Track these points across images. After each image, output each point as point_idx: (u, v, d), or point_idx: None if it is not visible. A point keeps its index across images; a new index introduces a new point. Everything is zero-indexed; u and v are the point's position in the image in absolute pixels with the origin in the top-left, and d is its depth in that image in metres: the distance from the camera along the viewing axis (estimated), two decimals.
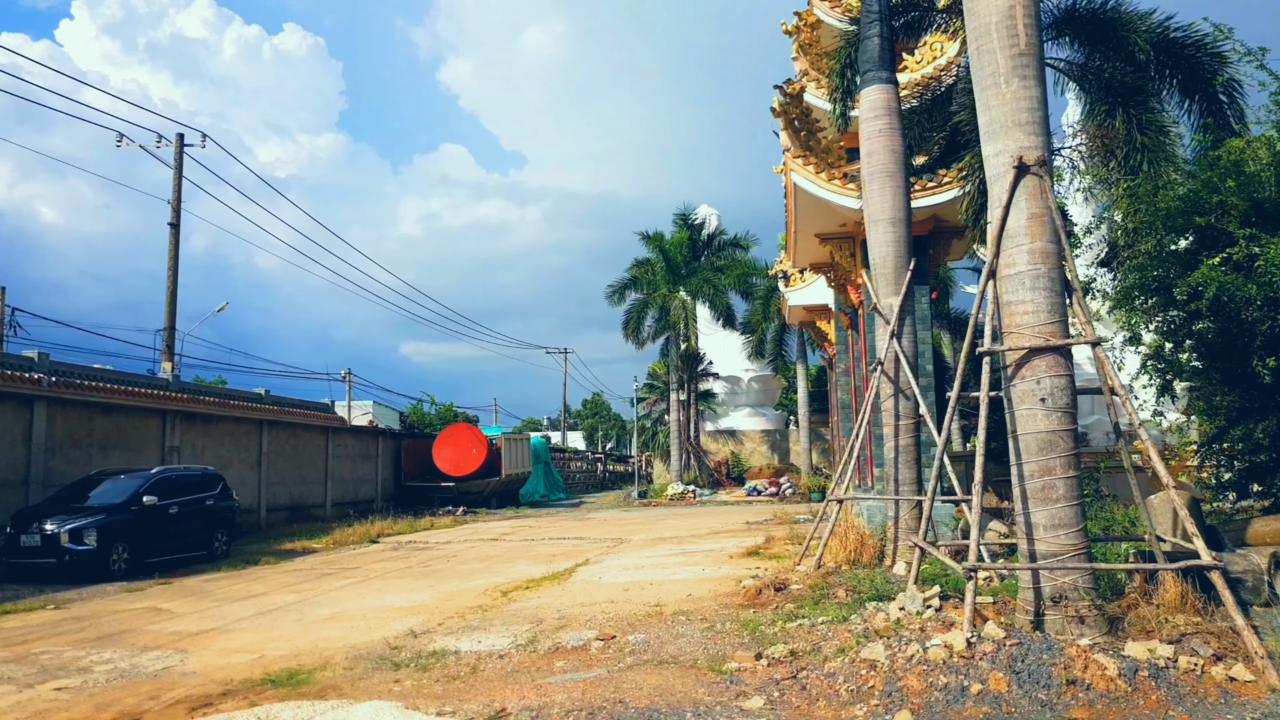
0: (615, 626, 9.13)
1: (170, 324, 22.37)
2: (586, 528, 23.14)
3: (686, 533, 20.14)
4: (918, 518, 10.99)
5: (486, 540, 20.58)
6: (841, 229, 15.18)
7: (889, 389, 11.00)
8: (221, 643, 9.39)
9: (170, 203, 22.80)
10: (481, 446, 34.00)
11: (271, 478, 24.89)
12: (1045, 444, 6.80)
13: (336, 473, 28.96)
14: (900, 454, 10.93)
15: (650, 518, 26.41)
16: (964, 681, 5.73)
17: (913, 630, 6.59)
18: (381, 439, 33.20)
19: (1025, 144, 6.95)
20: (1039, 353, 6.84)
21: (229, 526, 17.63)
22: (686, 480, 36.94)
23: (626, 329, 38.00)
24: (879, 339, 11.32)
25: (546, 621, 9.64)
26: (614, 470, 68.09)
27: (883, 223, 11.04)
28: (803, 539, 16.34)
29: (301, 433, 26.91)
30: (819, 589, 9.81)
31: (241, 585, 13.87)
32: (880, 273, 11.12)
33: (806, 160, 14.07)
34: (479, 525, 25.87)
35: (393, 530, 23.30)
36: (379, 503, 31.28)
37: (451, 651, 8.44)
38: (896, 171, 11.09)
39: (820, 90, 15.72)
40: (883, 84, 11.21)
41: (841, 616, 8.10)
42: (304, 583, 14.08)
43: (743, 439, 44.68)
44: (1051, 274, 6.89)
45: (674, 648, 8.05)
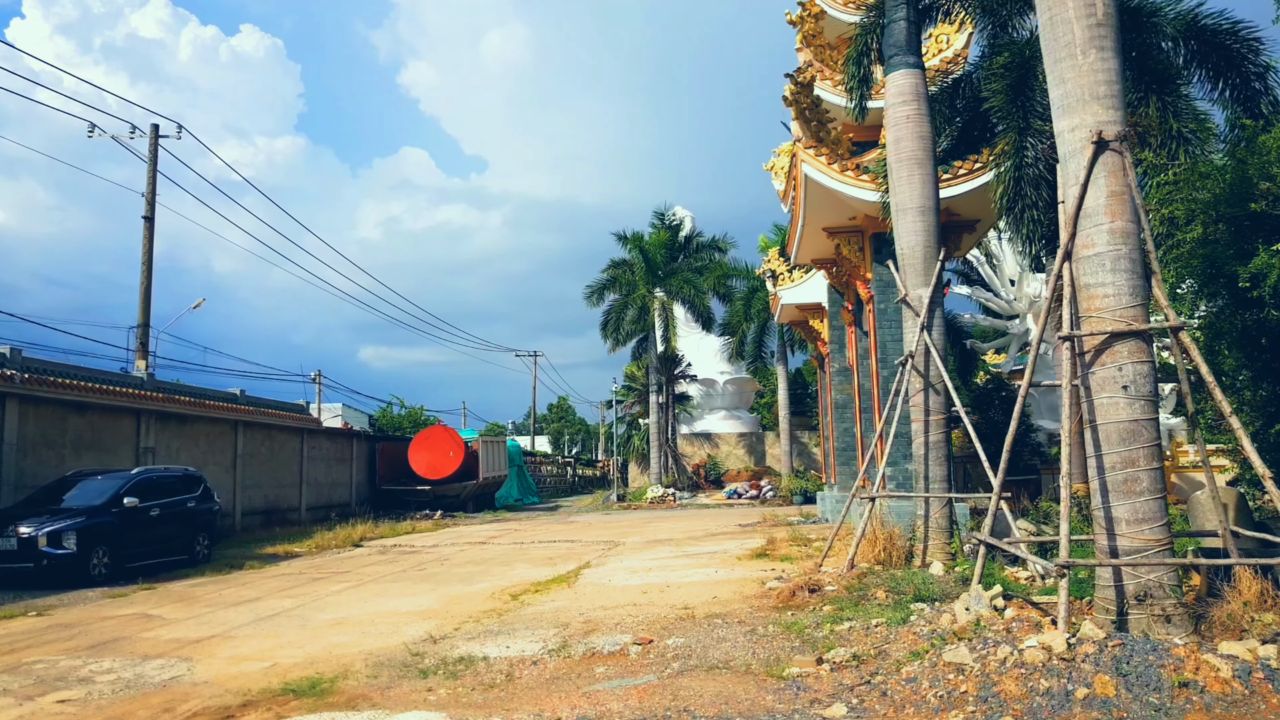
0: (648, 630, 8.67)
1: (144, 320, 21.47)
2: (574, 531, 22.62)
3: (680, 535, 19.71)
4: (949, 516, 10.67)
5: (474, 544, 19.99)
6: (850, 222, 14.86)
7: (918, 383, 10.67)
8: (227, 650, 8.79)
9: (145, 196, 21.91)
10: (459, 449, 33.31)
11: (246, 480, 24.05)
12: (1128, 434, 6.47)
13: (311, 476, 28.14)
14: (930, 450, 10.60)
15: (635, 521, 25.94)
16: (1068, 685, 5.36)
17: (997, 631, 6.22)
18: (356, 441, 32.40)
19: (1104, 118, 6.63)
20: (1121, 338, 6.51)
21: (211, 530, 16.88)
22: (666, 483, 36.50)
23: (605, 329, 37.49)
24: (907, 331, 10.99)
25: (572, 625, 9.15)
26: (583, 475, 67.52)
27: (911, 211, 10.71)
28: (805, 540, 16.03)
29: (277, 434, 26.08)
30: (855, 590, 9.43)
31: (231, 590, 13.19)
32: (908, 263, 10.79)
33: (818, 151, 13.72)
34: (461, 529, 25.23)
35: (375, 534, 22.60)
36: (353, 507, 30.49)
37: (479, 657, 7.93)
38: (925, 159, 10.78)
39: (827, 81, 15.43)
40: (910, 68, 10.89)
41: (899, 618, 7.71)
42: (297, 587, 13.44)
43: (718, 442, 44.34)
44: (1132, 255, 6.57)
45: (719, 652, 7.61)
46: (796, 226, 15.60)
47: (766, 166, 23.45)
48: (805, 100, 13.94)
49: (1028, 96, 11.07)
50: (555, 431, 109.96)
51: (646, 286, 36.06)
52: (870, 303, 14.72)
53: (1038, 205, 11.01)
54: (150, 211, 21.86)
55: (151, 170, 21.99)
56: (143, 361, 21.41)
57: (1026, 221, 11.10)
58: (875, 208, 13.81)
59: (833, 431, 21.61)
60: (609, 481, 70.20)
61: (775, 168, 23.13)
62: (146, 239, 21.70)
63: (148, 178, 21.95)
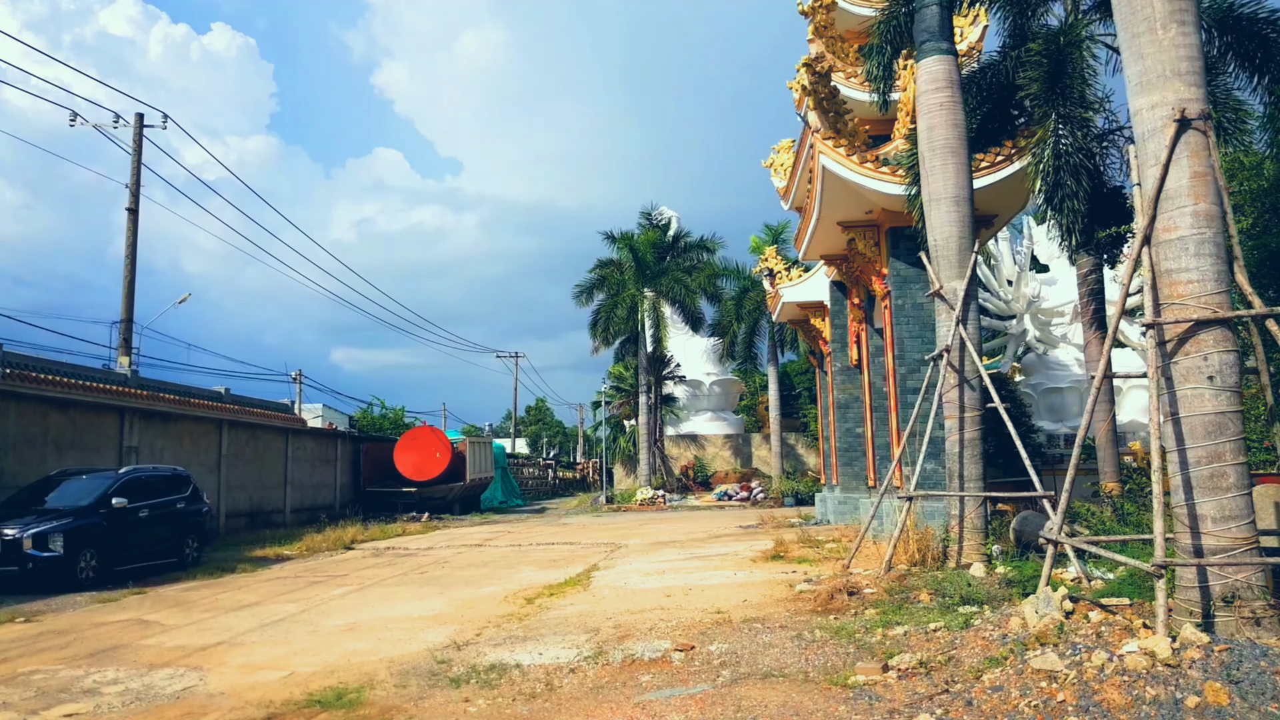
0: (686, 635, 8.25)
1: (128, 315, 20.74)
2: (570, 533, 22.15)
3: (682, 537, 19.30)
4: (984, 516, 10.34)
5: (470, 546, 19.47)
6: (867, 216, 14.53)
7: (953, 379, 10.33)
8: (237, 658, 8.27)
9: (129, 187, 21.18)
10: (445, 451, 32.71)
11: (231, 481, 23.36)
12: (1214, 427, 6.13)
13: (296, 477, 27.45)
14: (965, 448, 10.26)
15: (629, 523, 25.50)
16: (1175, 694, 5.00)
17: (1085, 636, 5.85)
18: (340, 442, 31.71)
19: (1185, 95, 6.31)
20: (1206, 326, 6.18)
21: (200, 532, 16.26)
22: (655, 485, 36.09)
23: (594, 329, 36.99)
24: (940, 326, 10.65)
25: (603, 631, 8.71)
26: (564, 477, 66.97)
27: (945, 201, 10.37)
28: (816, 542, 15.66)
29: (262, 434, 25.39)
30: (895, 593, 9.07)
31: (227, 595, 12.62)
32: (942, 255, 10.45)
33: (837, 142, 13.38)
34: (453, 531, 24.67)
35: (365, 536, 22.03)
36: (338, 508, 29.81)
37: (511, 665, 7.47)
38: (960, 147, 10.45)
39: (839, 74, 15.10)
40: (943, 54, 10.57)
41: (959, 622, 7.34)
42: (296, 591, 12.89)
43: (704, 443, 43.98)
44: (1216, 239, 6.25)
45: (770, 659, 7.20)
46: (809, 221, 15.25)
47: (765, 164, 23.15)
48: (823, 90, 13.59)
49: (1065, 84, 10.79)
50: (533, 434, 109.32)
51: (636, 286, 35.64)
52: (886, 298, 14.39)
53: (1078, 195, 10.72)
54: (134, 203, 21.12)
55: (136, 161, 21.26)
56: (126, 358, 20.69)
57: (1066, 211, 10.80)
58: (894, 201, 13.49)
59: (834, 432, 21.29)
60: (588, 484, 69.75)
61: (775, 165, 22.83)
62: (130, 231, 20.98)
63: (132, 169, 21.24)
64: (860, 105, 15.01)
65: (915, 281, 14.10)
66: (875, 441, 16.32)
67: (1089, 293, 12.96)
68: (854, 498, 20.42)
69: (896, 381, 14.09)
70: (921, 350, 13.99)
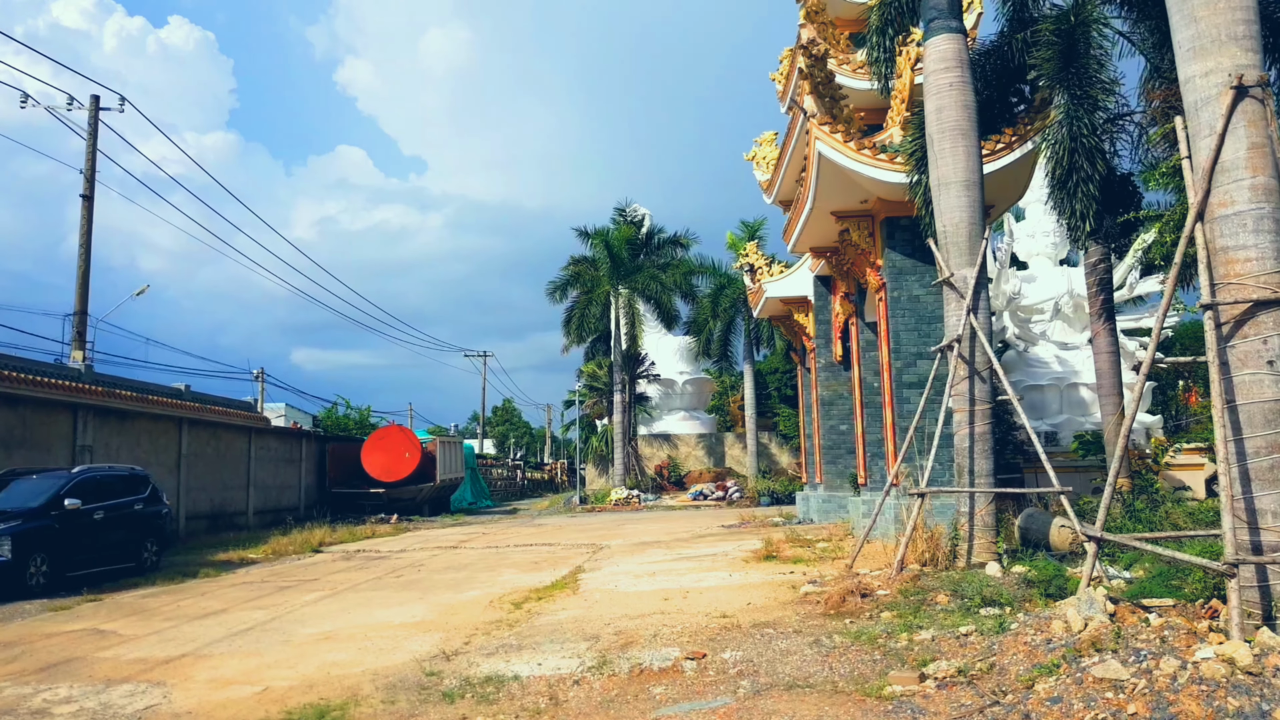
0: (694, 642, 7.71)
1: (81, 308, 19.74)
2: (546, 534, 21.52)
3: (665, 537, 18.76)
4: (994, 513, 9.91)
5: (445, 548, 18.78)
6: (861, 206, 14.09)
7: (963, 371, 9.89)
8: (204, 671, 7.59)
9: (83, 172, 20.20)
10: (415, 451, 31.92)
11: (192, 482, 22.45)
12: (1274, 415, 5.71)
13: (259, 478, 26.53)
14: (976, 442, 9.83)
15: (606, 523, 24.92)
16: (1261, 704, 4.55)
17: (1148, 642, 5.39)
18: (306, 442, 30.79)
19: (1242, 61, 5.89)
20: (1265, 307, 5.76)
21: (160, 535, 15.43)
22: (629, 485, 35.52)
23: (568, 327, 36.36)
24: (949, 315, 10.21)
25: (603, 638, 8.14)
26: (532, 478, 66.23)
27: (955, 185, 9.93)
28: (806, 542, 15.20)
29: (223, 433, 24.46)
30: (910, 594, 8.59)
31: (190, 602, 11.87)
32: (951, 241, 10.01)
33: (834, 128, 12.91)
34: (425, 533, 23.92)
35: (333, 539, 21.23)
36: (302, 510, 28.92)
37: (509, 677, 6.88)
38: (970, 129, 10.02)
39: (832, 59, 14.65)
40: (952, 33, 10.13)
41: (993, 626, 6.87)
42: (264, 597, 12.17)
43: (677, 443, 43.48)
44: (1276, 214, 5.83)
45: (790, 667, 6.68)
46: (800, 211, 14.79)
47: (748, 156, 22.71)
48: (819, 75, 13.13)
49: (1079, 64, 10.41)
50: (500, 434, 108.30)
51: (611, 282, 35.03)
52: (881, 290, 13.95)
53: (1092, 179, 10.34)
54: (89, 190, 20.14)
55: (91, 145, 20.28)
56: (79, 353, 19.72)
57: (1081, 196, 10.42)
58: (891, 189, 13.07)
59: (818, 429, 20.89)
60: (557, 485, 69.02)
61: (757, 158, 22.39)
62: (85, 219, 19.99)
63: (86, 153, 20.24)
64: (852, 94, 14.57)
65: (911, 273, 13.70)
66: (867, 438, 15.91)
67: (1097, 283, 12.61)
68: (839, 496, 20.03)
69: (892, 376, 13.66)
70: (918, 344, 13.59)
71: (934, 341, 13.63)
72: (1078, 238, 10.75)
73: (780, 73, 21.38)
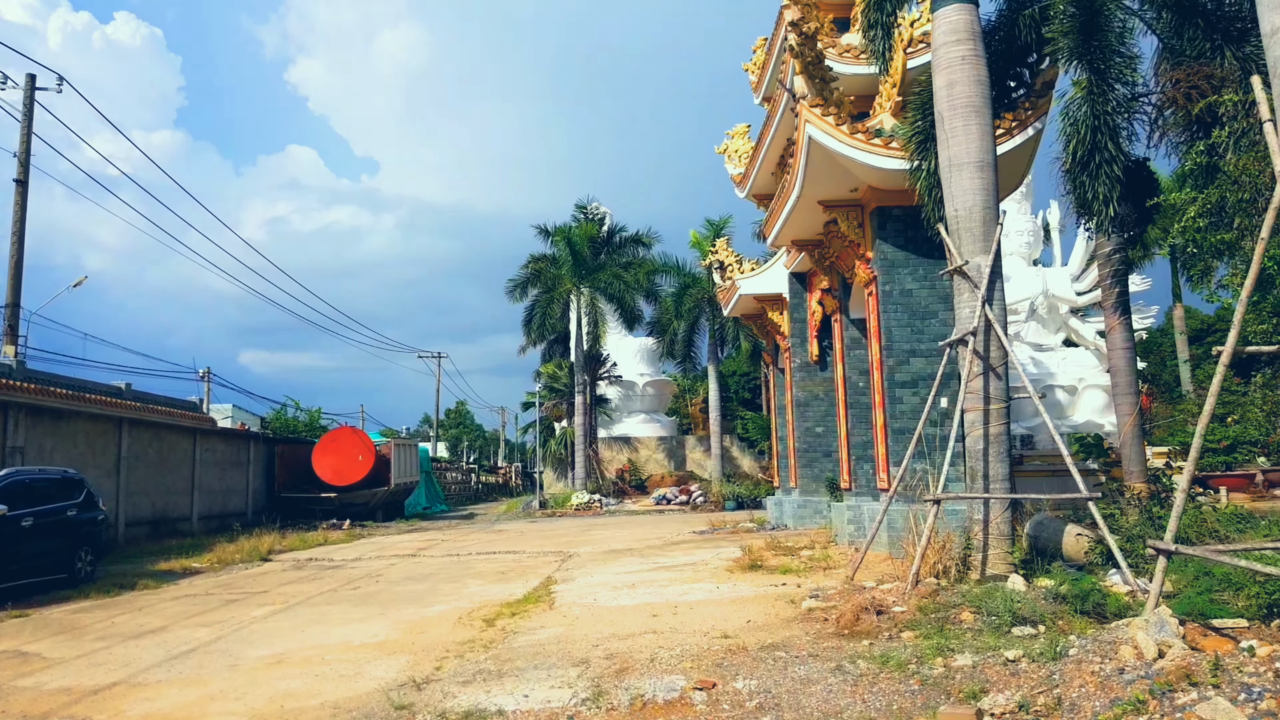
0: (699, 668, 6.89)
1: (13, 300, 18.33)
2: (509, 541, 20.56)
3: (636, 543, 17.93)
4: (1009, 520, 9.24)
5: (402, 557, 17.75)
6: (851, 195, 13.39)
7: (977, 367, 9.21)
8: (139, 705, 6.61)
9: (17, 156, 18.81)
10: (368, 453, 30.68)
11: (132, 486, 21.10)
12: None
13: (204, 481, 25.17)
14: (991, 444, 9.15)
15: (570, 529, 24.00)
16: None
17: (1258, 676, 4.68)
18: (254, 444, 29.39)
19: None
20: None
21: (95, 543, 14.22)
22: (590, 489, 34.61)
23: (529, 326, 35.34)
24: (960, 306, 9.52)
25: (593, 662, 7.28)
26: (486, 482, 64.97)
27: (968, 167, 9.26)
28: (789, 549, 14.47)
29: (166, 434, 23.10)
30: (930, 611, 7.86)
31: (127, 617, 10.78)
32: (964, 227, 9.33)
33: (825, 110, 12.20)
34: (380, 540, 22.80)
35: (283, 546, 20.03)
36: (250, 515, 27.59)
37: (492, 711, 6.01)
38: (983, 106, 9.35)
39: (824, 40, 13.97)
40: (964, 2, 9.46)
41: (1047, 651, 6.13)
42: (209, 612, 11.11)
43: (638, 446, 42.64)
44: None
45: (815, 700, 5.90)
46: (785, 201, 14.07)
47: (719, 149, 22.01)
48: (810, 54, 12.41)
49: (1100, 37, 9.81)
50: (453, 437, 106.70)
51: (572, 281, 34.09)
52: (871, 284, 13.27)
53: (1115, 160, 9.74)
54: (24, 174, 18.74)
55: (26, 126, 18.87)
56: (11, 347, 18.31)
57: (1104, 177, 9.80)
58: (885, 177, 12.39)
59: (792, 431, 20.21)
60: (511, 489, 67.76)
61: (729, 151, 21.70)
62: (18, 205, 18.59)
63: (21, 135, 18.83)
64: (872, 64, 13.81)
65: (904, 266, 13.04)
66: (851, 440, 15.24)
67: (1112, 274, 12.06)
68: (814, 501, 19.38)
69: (883, 374, 12.99)
70: (911, 341, 12.94)
71: (928, 338, 13.00)
72: (1101, 224, 10.14)
73: (754, 63, 20.72)
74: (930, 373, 12.97)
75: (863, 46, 11.44)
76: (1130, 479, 11.83)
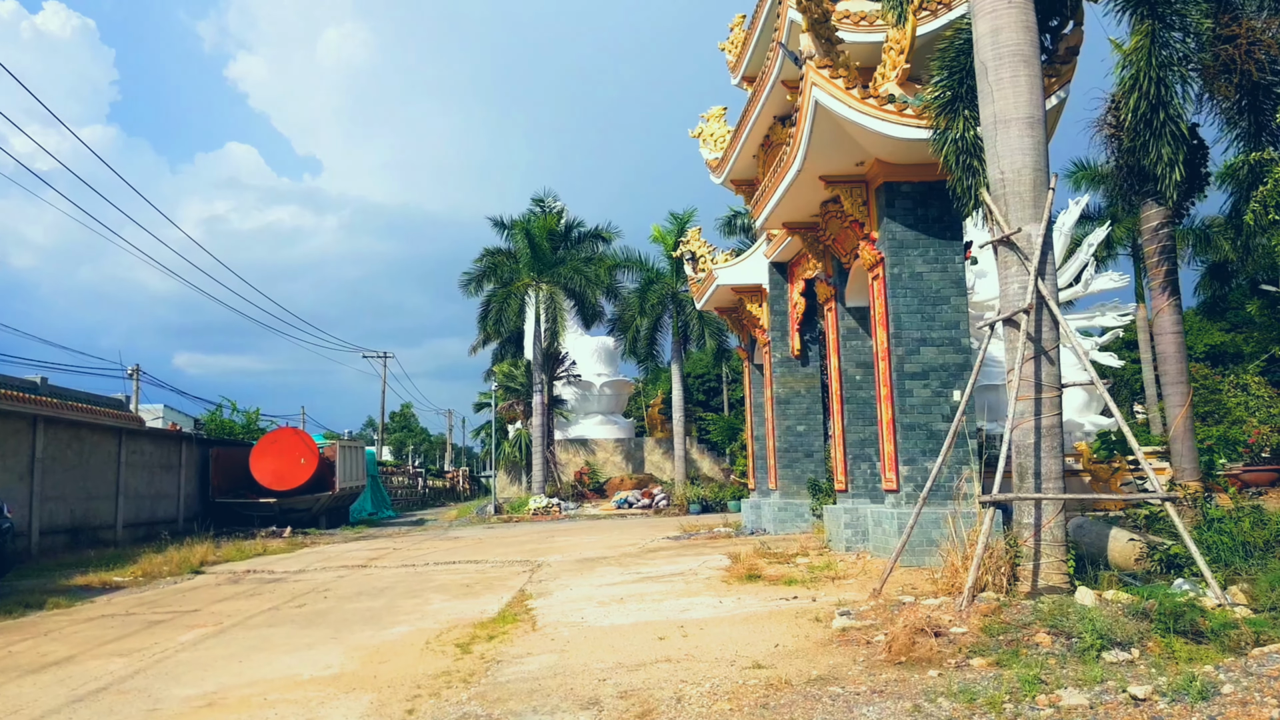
0: (739, 711, 5.57)
1: None
2: (468, 549, 19.04)
3: (609, 551, 16.55)
4: (1064, 524, 8.10)
5: (353, 568, 16.16)
6: (857, 169, 12.22)
7: (1029, 350, 8.06)
8: None
9: None
10: (311, 456, 28.79)
11: (48, 491, 19.13)
12: None
13: (131, 486, 23.18)
14: (1043, 437, 8.01)
15: (532, 535, 22.53)
16: None
17: None
18: (186, 446, 27.39)
19: None
20: None
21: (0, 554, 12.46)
22: (549, 493, 33.11)
23: (484, 322, 33.66)
24: (1010, 281, 8.37)
25: (606, 703, 5.92)
26: (434, 486, 63.04)
27: (1017, 123, 8.12)
28: (782, 556, 13.24)
29: (88, 434, 21.12)
30: (996, 632, 6.65)
31: (28, 645, 9.13)
32: (1011, 191, 8.19)
33: (835, 72, 11.02)
34: (325, 549, 21.09)
35: (218, 556, 18.28)
36: (181, 523, 25.62)
37: None
38: (1033, 55, 8.23)
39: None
40: None
41: (1185, 686, 4.93)
42: (128, 637, 9.51)
43: (595, 448, 41.27)
44: None
45: None
46: (781, 178, 12.85)
47: (694, 133, 20.80)
48: (817, 10, 11.22)
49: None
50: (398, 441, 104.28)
51: (530, 275, 32.55)
52: (878, 267, 12.11)
53: (1181, 117, 8.68)
54: None
55: None
56: None
57: (1168, 137, 8.72)
58: (897, 148, 11.25)
59: (771, 430, 19.02)
60: (459, 493, 65.81)
61: (704, 135, 20.50)
62: None
63: None
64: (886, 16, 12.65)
65: (914, 247, 11.91)
66: (847, 438, 14.07)
67: (1159, 250, 11.06)
68: (796, 504, 18.21)
69: (891, 365, 11.83)
70: (921, 328, 11.82)
71: (939, 325, 11.90)
72: (1164, 190, 9.08)
73: (732, 41, 19.54)
74: (942, 363, 11.90)
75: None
76: (1182, 477, 10.85)
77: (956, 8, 12.65)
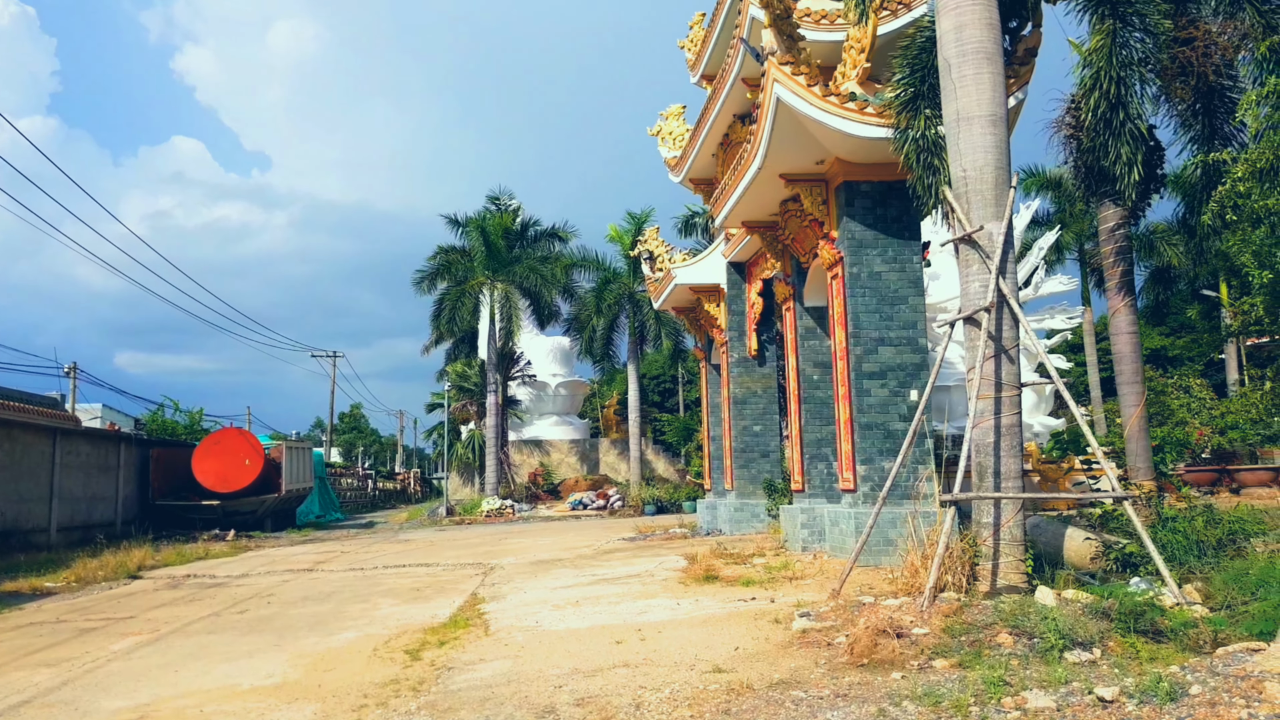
0: (699, 718, 5.37)
1: None
2: (419, 552, 18.64)
3: (563, 553, 16.29)
4: (1023, 524, 8.05)
5: (299, 572, 15.70)
6: (817, 168, 12.13)
7: (989, 348, 7.98)
8: None
9: None
10: (256, 457, 28.07)
11: None
12: None
13: (66, 487, 22.35)
14: (1003, 436, 7.93)
15: (484, 537, 22.17)
16: None
17: None
18: (125, 446, 26.52)
19: None
20: None
21: None
22: (502, 494, 32.69)
23: (438, 321, 33.14)
24: (968, 280, 8.29)
25: (562, 712, 5.69)
26: (384, 488, 62.11)
27: (979, 120, 8.05)
28: (739, 557, 13.11)
29: (19, 434, 20.32)
30: (958, 632, 6.55)
31: None
32: (974, 189, 8.12)
33: (797, 69, 10.91)
34: (269, 552, 20.53)
35: (156, 561, 17.66)
36: (119, 526, 24.77)
37: None
38: (996, 53, 8.17)
39: None
40: None
41: (1152, 687, 4.83)
42: (57, 645, 9.05)
43: (549, 449, 40.87)
44: None
45: None
46: (741, 176, 12.71)
47: (652, 131, 20.64)
48: (779, 6, 11.09)
49: None
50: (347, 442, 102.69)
51: (485, 274, 32.10)
52: (837, 266, 12.03)
53: (1141, 117, 8.69)
54: None
55: None
56: None
57: (1127, 137, 8.72)
58: (858, 147, 11.16)
59: (728, 431, 18.91)
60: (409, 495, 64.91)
61: (663, 133, 20.35)
62: None
63: None
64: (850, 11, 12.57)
65: (873, 246, 11.85)
66: (805, 438, 13.98)
67: (1116, 250, 11.11)
68: (752, 504, 18.11)
69: (850, 364, 11.75)
70: (880, 327, 11.76)
71: (897, 325, 11.85)
72: (1123, 191, 9.08)
73: (691, 39, 19.38)
74: (900, 363, 11.85)
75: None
76: (1136, 476, 10.91)
77: (917, 7, 12.65)
